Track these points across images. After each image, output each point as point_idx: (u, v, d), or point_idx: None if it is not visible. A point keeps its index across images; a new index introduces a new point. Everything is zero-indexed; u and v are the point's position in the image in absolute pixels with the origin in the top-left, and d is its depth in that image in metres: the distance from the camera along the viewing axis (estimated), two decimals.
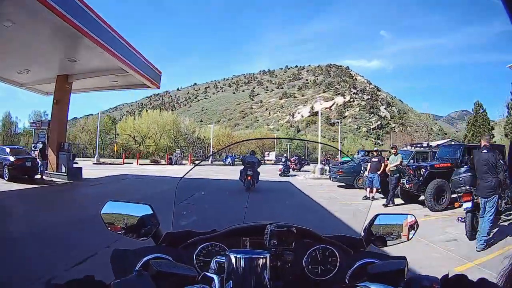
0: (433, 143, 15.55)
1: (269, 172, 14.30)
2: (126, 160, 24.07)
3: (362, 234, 1.06)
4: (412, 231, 1.01)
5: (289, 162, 17.27)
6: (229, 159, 26.07)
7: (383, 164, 8.88)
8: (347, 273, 0.95)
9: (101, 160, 23.55)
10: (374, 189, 8.88)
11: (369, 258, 0.96)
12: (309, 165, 20.96)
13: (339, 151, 25.87)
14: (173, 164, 23.87)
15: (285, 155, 20.74)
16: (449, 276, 0.69)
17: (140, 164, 22.11)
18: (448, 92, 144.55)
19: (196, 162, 26.31)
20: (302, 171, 18.16)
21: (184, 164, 24.38)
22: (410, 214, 1.03)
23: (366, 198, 8.97)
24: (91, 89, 14.35)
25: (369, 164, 9.14)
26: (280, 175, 15.34)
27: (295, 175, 16.02)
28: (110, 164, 21.86)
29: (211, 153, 33.96)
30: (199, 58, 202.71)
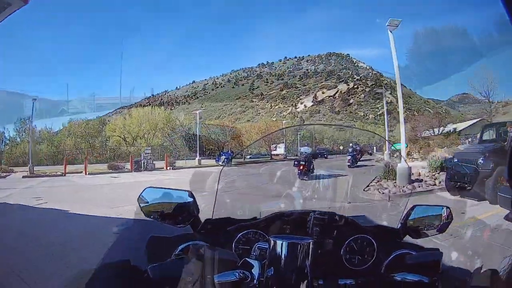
0: None
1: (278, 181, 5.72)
2: (76, 168, 16.72)
3: (399, 225, 1.02)
4: (447, 224, 0.97)
5: (355, 153, 15.74)
6: (223, 157, 18.93)
7: None
8: (384, 263, 0.93)
9: (36, 170, 15.82)
10: None
11: (405, 249, 0.95)
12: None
13: (386, 141, 19.45)
14: (141, 170, 16.42)
15: (350, 144, 19.54)
16: (482, 271, 0.65)
17: (89, 174, 14.89)
18: (446, 76, 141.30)
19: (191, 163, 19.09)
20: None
21: (158, 170, 17.09)
22: (445, 207, 0.99)
23: None
24: None
25: None
26: (349, 166, 14.23)
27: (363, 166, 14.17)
28: (46, 175, 14.58)
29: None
30: (197, 55, 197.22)
